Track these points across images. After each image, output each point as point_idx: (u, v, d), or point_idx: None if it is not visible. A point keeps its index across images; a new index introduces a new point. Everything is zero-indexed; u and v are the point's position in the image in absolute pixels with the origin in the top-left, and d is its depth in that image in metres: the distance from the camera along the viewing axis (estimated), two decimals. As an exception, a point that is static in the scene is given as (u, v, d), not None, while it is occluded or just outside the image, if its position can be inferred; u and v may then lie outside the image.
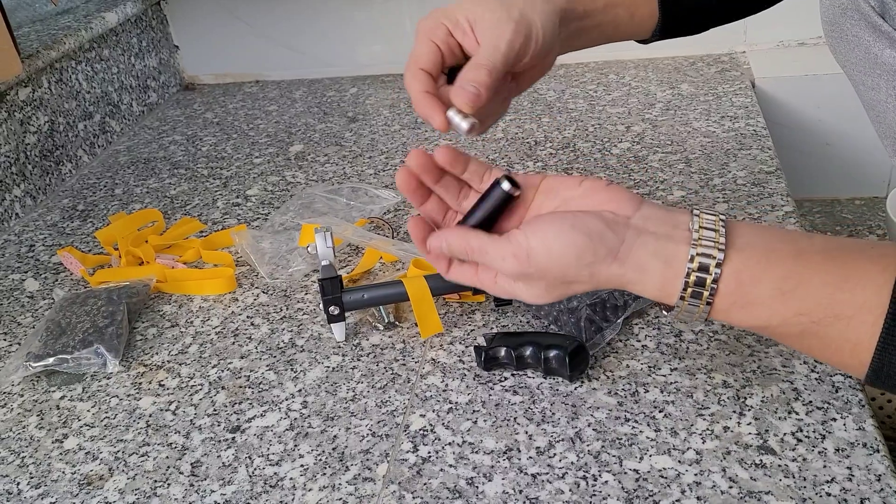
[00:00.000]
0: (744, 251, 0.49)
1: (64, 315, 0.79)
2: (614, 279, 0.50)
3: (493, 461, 0.59)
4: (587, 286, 0.52)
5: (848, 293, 0.46)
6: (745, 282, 0.48)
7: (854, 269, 0.47)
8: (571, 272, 0.50)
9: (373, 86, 1.38)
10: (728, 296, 0.48)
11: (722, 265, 0.48)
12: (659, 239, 0.50)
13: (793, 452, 0.57)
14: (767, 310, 0.48)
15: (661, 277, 0.49)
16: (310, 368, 0.72)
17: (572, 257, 0.50)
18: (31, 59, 1.06)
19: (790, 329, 0.48)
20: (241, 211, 1.01)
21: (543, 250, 0.50)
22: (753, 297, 0.48)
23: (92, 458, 0.65)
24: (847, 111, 1.24)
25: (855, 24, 0.59)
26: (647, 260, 0.49)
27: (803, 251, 0.48)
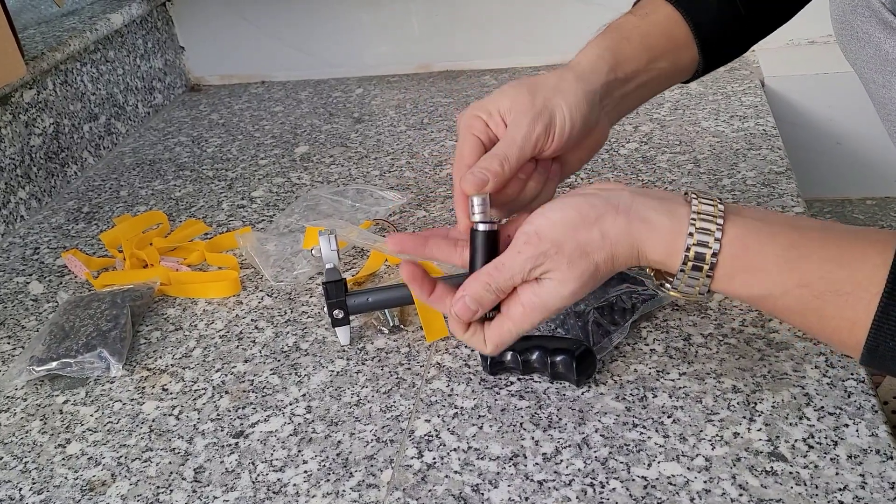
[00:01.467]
0: (745, 218, 0.49)
1: (67, 318, 0.78)
2: (624, 237, 0.51)
3: (499, 467, 0.59)
4: (605, 252, 0.51)
5: (847, 269, 0.47)
6: (750, 245, 0.48)
7: (852, 248, 0.47)
8: (582, 235, 0.51)
9: (378, 86, 1.37)
10: (732, 259, 0.49)
11: (724, 227, 0.48)
12: (658, 199, 0.51)
13: (804, 459, 0.56)
14: (771, 278, 0.48)
15: (668, 231, 0.50)
16: (314, 373, 0.71)
17: (575, 215, 0.51)
18: (36, 60, 1.06)
19: (791, 302, 0.48)
20: (246, 213, 1.00)
21: (547, 222, 0.52)
22: (758, 263, 0.48)
23: (94, 464, 0.64)
24: (858, 110, 1.22)
25: (865, 21, 0.58)
26: (648, 213, 0.50)
27: (802, 228, 0.49)
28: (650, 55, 0.66)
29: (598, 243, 0.51)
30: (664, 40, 0.67)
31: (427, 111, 1.24)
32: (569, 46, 1.31)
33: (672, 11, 0.67)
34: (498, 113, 0.60)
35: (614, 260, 0.52)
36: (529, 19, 1.31)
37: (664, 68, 0.67)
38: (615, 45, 0.64)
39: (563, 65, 0.65)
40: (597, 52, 0.64)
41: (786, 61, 1.25)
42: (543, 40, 1.32)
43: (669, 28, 0.67)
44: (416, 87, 1.34)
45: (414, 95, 1.31)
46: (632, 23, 0.67)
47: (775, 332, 0.68)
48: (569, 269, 0.51)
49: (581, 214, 0.51)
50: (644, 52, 0.65)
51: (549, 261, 0.51)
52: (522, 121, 0.59)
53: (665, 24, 0.67)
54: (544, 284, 0.52)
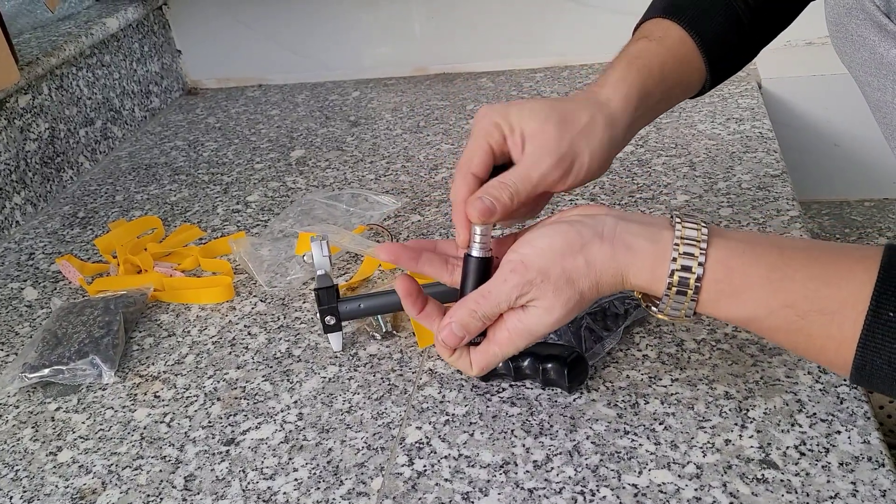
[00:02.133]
0: (728, 240, 0.50)
1: (60, 325, 0.78)
2: (609, 264, 0.51)
3: (490, 475, 0.58)
4: (589, 279, 0.51)
5: (833, 288, 0.46)
6: (734, 268, 0.49)
7: (837, 266, 0.47)
8: (568, 263, 0.51)
9: (375, 89, 1.37)
10: (716, 283, 0.49)
11: (707, 251, 0.49)
12: (641, 224, 0.52)
13: (795, 467, 0.56)
14: (755, 299, 0.48)
15: (651, 256, 0.50)
16: (306, 379, 0.71)
17: (561, 243, 0.51)
18: (31, 65, 1.06)
19: (777, 322, 0.48)
20: (241, 217, 1.00)
21: (533, 250, 0.52)
22: (742, 285, 0.48)
23: (85, 472, 0.64)
24: (856, 112, 1.22)
25: (860, 24, 0.58)
26: (632, 240, 0.51)
27: (785, 248, 0.49)
28: (667, 84, 0.65)
29: (583, 271, 0.51)
30: (678, 65, 0.66)
31: (423, 114, 1.24)
32: (566, 49, 1.32)
33: (683, 34, 0.66)
34: (521, 133, 0.57)
35: (599, 287, 0.52)
36: (526, 22, 1.31)
37: (676, 94, 0.67)
38: (641, 80, 0.62)
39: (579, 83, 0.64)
40: (625, 92, 0.61)
41: (783, 63, 1.25)
42: (540, 43, 1.32)
43: (683, 52, 0.66)
44: (412, 90, 1.34)
45: (410, 98, 1.31)
46: (652, 51, 0.65)
47: (768, 338, 0.68)
48: (554, 297, 0.51)
49: (567, 242, 0.51)
50: (663, 83, 0.64)
51: (535, 289, 0.51)
52: (544, 160, 0.56)
53: (678, 48, 0.66)
54: (530, 311, 0.52)
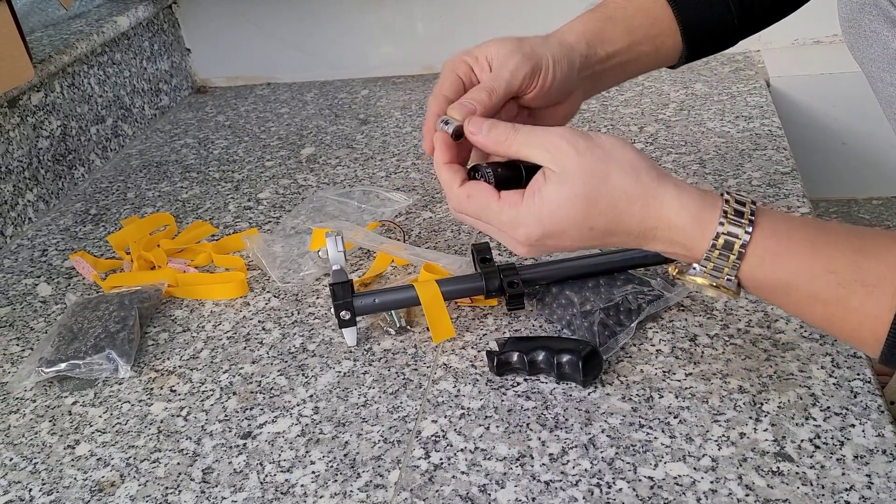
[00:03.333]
0: (773, 211, 0.50)
1: (76, 320, 0.79)
2: (650, 190, 0.50)
3: (506, 468, 0.59)
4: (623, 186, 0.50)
5: (873, 261, 0.46)
6: (780, 231, 0.48)
7: (876, 242, 0.47)
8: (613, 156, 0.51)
9: (384, 88, 1.37)
10: (763, 240, 0.48)
11: (756, 213, 0.48)
12: (691, 186, 0.51)
13: (810, 459, 0.56)
14: (799, 261, 0.47)
15: (698, 208, 0.49)
16: (321, 374, 0.71)
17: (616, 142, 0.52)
18: (44, 63, 1.07)
19: (818, 288, 0.47)
20: (253, 214, 1.01)
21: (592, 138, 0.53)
22: (786, 247, 0.48)
23: (103, 465, 0.65)
24: (864, 110, 1.22)
25: (873, 19, 0.58)
26: (683, 185, 0.50)
27: (825, 224, 0.49)
28: (632, 38, 0.67)
29: (624, 174, 0.50)
30: (647, 24, 0.68)
31: (432, 112, 1.24)
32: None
33: None
34: (485, 58, 0.62)
35: (628, 204, 0.50)
36: (532, 20, 1.31)
37: (646, 52, 0.68)
38: (597, 24, 0.67)
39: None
40: (579, 29, 0.66)
41: (791, 61, 1.25)
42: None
43: (655, 13, 0.68)
44: (421, 89, 1.35)
45: (419, 97, 1.31)
46: (618, 3, 0.69)
47: (781, 333, 0.68)
48: (577, 170, 0.50)
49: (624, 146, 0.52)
50: (626, 35, 0.67)
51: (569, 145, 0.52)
52: (510, 60, 0.60)
53: (650, 8, 0.68)
54: (548, 179, 0.52)
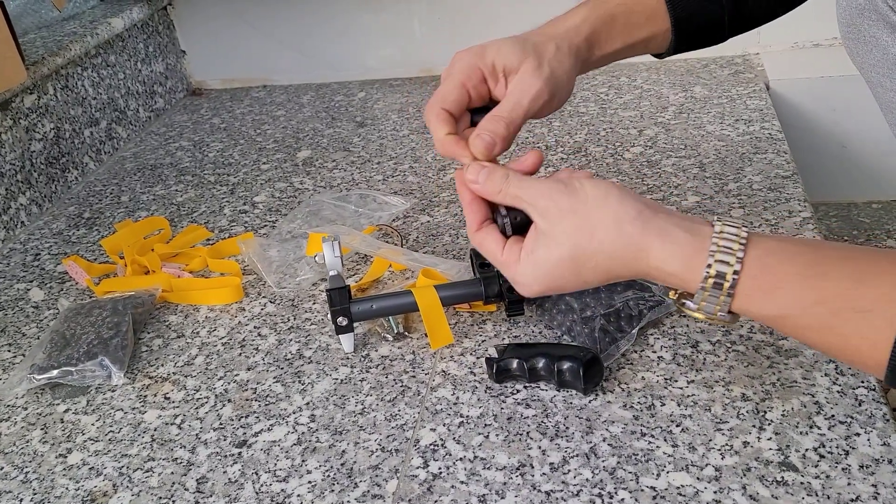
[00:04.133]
0: (766, 239, 0.49)
1: (69, 326, 0.78)
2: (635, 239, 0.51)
3: (506, 477, 0.58)
4: (608, 240, 0.51)
5: (867, 287, 0.46)
6: (770, 265, 0.48)
7: (871, 266, 0.47)
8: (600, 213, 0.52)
9: (381, 90, 1.36)
10: (752, 279, 0.48)
11: (746, 246, 0.48)
12: (679, 217, 0.51)
13: (815, 469, 0.55)
14: (789, 296, 0.47)
15: (688, 246, 0.50)
16: (318, 381, 0.70)
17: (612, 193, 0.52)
18: (37, 65, 1.05)
19: (810, 320, 0.47)
20: (249, 218, 1.00)
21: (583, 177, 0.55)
22: (777, 282, 0.48)
23: (96, 474, 0.64)
24: (863, 113, 1.21)
25: (872, 24, 0.58)
26: (667, 226, 0.50)
27: (820, 248, 0.49)
28: (629, 38, 0.67)
29: (609, 228, 0.51)
30: (644, 18, 0.68)
31: (430, 115, 1.23)
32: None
33: None
34: (502, 70, 0.60)
35: (612, 256, 0.52)
36: (531, 22, 1.30)
37: (638, 43, 0.69)
38: (599, 24, 0.66)
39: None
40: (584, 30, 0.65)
41: (790, 64, 1.24)
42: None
43: (652, 8, 0.68)
44: (418, 91, 1.34)
45: (416, 99, 1.30)
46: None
47: (784, 339, 0.67)
48: (567, 231, 0.52)
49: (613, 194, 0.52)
50: (624, 34, 0.67)
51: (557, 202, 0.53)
52: (534, 86, 0.59)
53: (648, 3, 0.68)
54: (538, 242, 0.54)
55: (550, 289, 0.55)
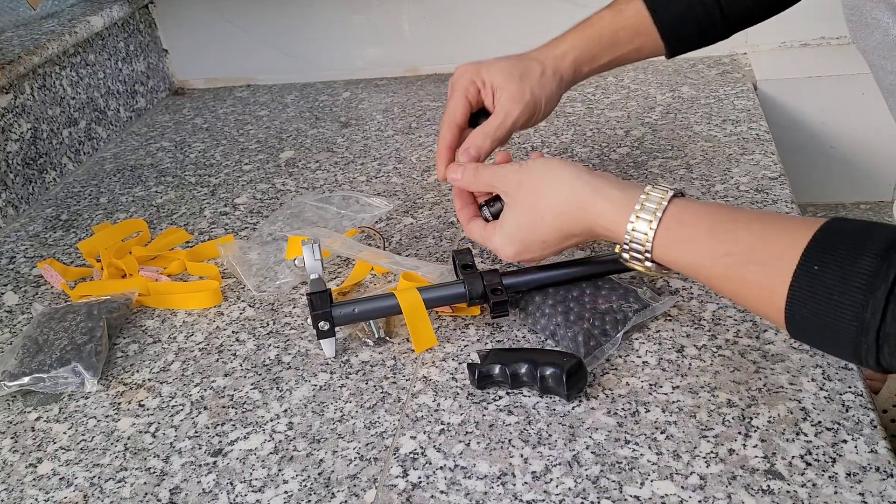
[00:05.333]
0: (689, 201, 0.57)
1: (41, 331, 0.76)
2: (579, 196, 0.60)
3: (487, 487, 0.56)
4: (558, 201, 0.62)
5: (768, 241, 0.51)
6: (685, 221, 0.55)
7: (774, 226, 0.52)
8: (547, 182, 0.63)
9: (366, 90, 1.35)
10: (668, 231, 0.56)
11: (666, 208, 0.56)
12: (616, 181, 0.61)
13: (801, 477, 0.54)
14: (700, 248, 0.54)
15: (617, 202, 0.58)
16: (296, 387, 0.69)
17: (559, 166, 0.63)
18: (13, 64, 1.03)
19: (718, 269, 0.53)
20: (229, 220, 0.98)
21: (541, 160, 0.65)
22: (690, 235, 0.55)
23: (66, 485, 0.62)
24: (851, 113, 1.21)
25: (874, 6, 0.59)
26: (604, 187, 0.60)
27: (736, 210, 0.56)
28: (615, 53, 0.76)
29: (556, 191, 0.62)
30: (631, 34, 0.76)
31: (415, 115, 1.22)
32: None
33: (641, 7, 0.75)
34: (491, 86, 0.73)
35: (564, 211, 0.61)
36: (517, 22, 1.29)
37: (627, 56, 0.77)
38: (586, 45, 0.75)
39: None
40: (570, 55, 0.75)
41: (778, 64, 1.24)
42: (533, 42, 1.29)
43: (638, 22, 0.75)
44: (404, 91, 1.32)
45: (402, 99, 1.29)
46: (606, 20, 0.76)
47: (770, 344, 0.66)
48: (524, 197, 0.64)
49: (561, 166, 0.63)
50: (611, 51, 0.76)
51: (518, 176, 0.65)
52: (515, 109, 0.72)
53: (634, 19, 0.75)
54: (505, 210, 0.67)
55: (521, 249, 0.65)
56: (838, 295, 0.46)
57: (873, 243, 0.46)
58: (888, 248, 0.45)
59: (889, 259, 0.44)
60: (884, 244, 0.45)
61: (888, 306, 0.44)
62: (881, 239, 0.46)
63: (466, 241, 0.86)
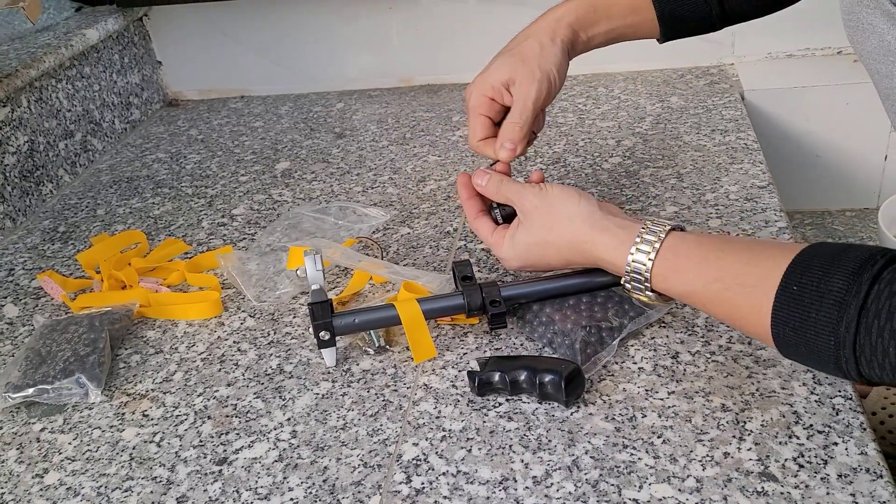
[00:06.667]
0: (685, 234, 0.62)
1: (44, 343, 0.76)
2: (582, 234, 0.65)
3: (489, 492, 0.58)
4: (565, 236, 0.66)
5: (753, 266, 0.55)
6: (680, 251, 0.60)
7: (763, 252, 0.55)
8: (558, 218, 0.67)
9: (360, 100, 1.36)
10: (664, 261, 0.60)
11: (663, 240, 0.61)
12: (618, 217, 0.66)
13: (795, 479, 0.56)
14: (693, 274, 0.58)
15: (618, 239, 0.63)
16: (298, 396, 0.70)
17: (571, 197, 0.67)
18: (10, 78, 1.04)
19: (710, 294, 0.57)
20: (227, 231, 0.99)
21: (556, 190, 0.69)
22: (684, 263, 0.59)
23: (74, 494, 0.63)
24: (837, 123, 1.23)
25: (871, 12, 0.60)
26: (609, 226, 0.64)
27: (730, 241, 0.60)
28: (611, 23, 0.77)
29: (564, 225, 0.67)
30: (626, 10, 0.77)
31: (409, 126, 1.23)
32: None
33: None
34: (502, 85, 0.74)
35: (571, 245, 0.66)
36: (510, 32, 1.31)
37: (622, 31, 0.78)
38: (580, 12, 0.76)
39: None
40: (566, 19, 0.76)
41: (764, 74, 1.26)
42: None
43: (634, 2, 0.77)
44: (397, 102, 1.34)
45: (396, 110, 1.30)
46: None
47: (762, 349, 0.68)
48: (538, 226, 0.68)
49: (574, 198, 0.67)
50: (606, 20, 0.77)
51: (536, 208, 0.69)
52: (530, 91, 0.73)
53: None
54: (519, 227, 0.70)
55: (525, 265, 0.70)
56: (815, 312, 0.50)
57: (847, 264, 0.49)
58: (860, 268, 0.48)
59: (860, 278, 0.48)
60: (856, 264, 0.49)
61: (861, 321, 0.48)
62: (854, 259, 0.49)
63: (463, 251, 0.88)
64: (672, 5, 0.77)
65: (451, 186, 1.03)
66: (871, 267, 0.48)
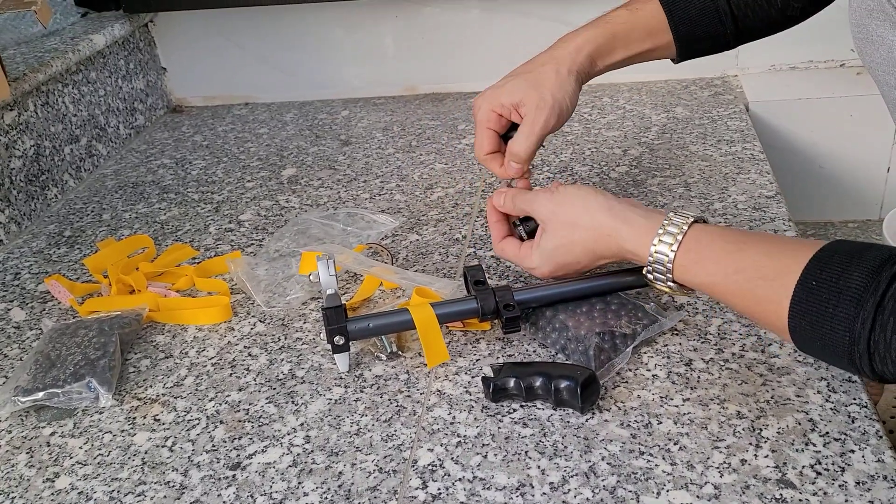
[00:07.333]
0: (706, 225, 0.63)
1: (53, 347, 0.76)
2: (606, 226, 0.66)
3: (506, 498, 0.58)
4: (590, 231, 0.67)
5: (774, 259, 0.56)
6: (702, 242, 0.61)
7: (784, 246, 0.57)
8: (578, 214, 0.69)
9: (365, 108, 1.36)
10: (686, 252, 0.61)
11: (686, 231, 0.61)
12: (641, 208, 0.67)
13: (813, 486, 0.56)
14: (715, 265, 0.59)
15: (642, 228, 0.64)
16: (311, 401, 0.69)
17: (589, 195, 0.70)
18: (18, 82, 1.04)
19: (731, 286, 0.58)
20: (234, 237, 0.99)
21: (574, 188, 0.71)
22: (706, 255, 0.60)
23: (85, 499, 0.62)
24: (840, 134, 1.24)
25: (880, 24, 0.61)
26: (631, 215, 0.65)
27: (752, 234, 0.62)
28: (629, 52, 0.78)
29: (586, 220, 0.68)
30: (644, 34, 0.78)
31: (415, 134, 1.24)
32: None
33: (657, 7, 0.77)
34: (512, 106, 0.76)
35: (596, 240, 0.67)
36: (513, 41, 1.31)
37: (638, 56, 0.79)
38: (601, 41, 0.77)
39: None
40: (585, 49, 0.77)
41: (768, 86, 1.27)
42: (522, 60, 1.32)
43: (653, 24, 0.78)
44: (402, 110, 1.34)
45: (401, 118, 1.30)
46: (622, 17, 0.78)
47: (776, 357, 0.68)
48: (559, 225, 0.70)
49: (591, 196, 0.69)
50: (624, 50, 0.78)
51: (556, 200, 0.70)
52: (540, 116, 0.74)
53: (648, 19, 0.78)
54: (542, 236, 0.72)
55: (556, 268, 0.71)
56: (832, 308, 0.50)
57: (866, 261, 0.50)
58: (879, 267, 0.49)
59: (879, 276, 0.49)
60: (876, 262, 0.50)
61: (877, 318, 0.48)
62: (873, 258, 0.50)
63: (472, 258, 0.88)
64: (689, 27, 0.77)
65: (459, 194, 1.03)
66: (890, 266, 0.49)
